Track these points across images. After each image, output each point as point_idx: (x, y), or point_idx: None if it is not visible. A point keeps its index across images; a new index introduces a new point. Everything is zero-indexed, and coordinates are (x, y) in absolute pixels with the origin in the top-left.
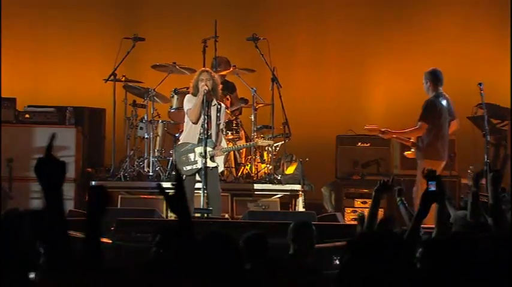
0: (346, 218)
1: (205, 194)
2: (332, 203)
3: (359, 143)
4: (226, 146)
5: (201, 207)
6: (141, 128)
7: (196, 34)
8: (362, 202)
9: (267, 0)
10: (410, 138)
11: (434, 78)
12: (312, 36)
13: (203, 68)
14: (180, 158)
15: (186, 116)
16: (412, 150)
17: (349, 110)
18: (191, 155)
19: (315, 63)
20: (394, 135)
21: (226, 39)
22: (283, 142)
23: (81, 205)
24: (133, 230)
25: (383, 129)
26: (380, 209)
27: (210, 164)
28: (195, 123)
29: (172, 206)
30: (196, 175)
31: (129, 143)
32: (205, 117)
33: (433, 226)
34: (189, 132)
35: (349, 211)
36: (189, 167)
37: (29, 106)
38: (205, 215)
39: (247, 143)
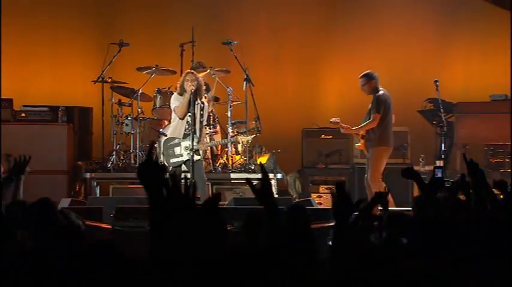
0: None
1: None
2: (296, 189)
3: (322, 136)
4: (208, 141)
5: None
6: (127, 125)
7: (174, 39)
8: (326, 188)
9: (238, 7)
10: (361, 132)
11: (375, 78)
12: (272, 39)
13: (188, 70)
14: (167, 151)
15: (173, 113)
16: (362, 142)
17: (306, 105)
18: (177, 149)
19: (275, 63)
20: (352, 131)
21: (201, 43)
22: (254, 135)
23: (74, 194)
24: (130, 216)
25: (344, 126)
26: None
27: (196, 157)
28: (182, 119)
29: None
30: (183, 166)
31: (116, 138)
32: (191, 114)
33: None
34: (176, 127)
35: (314, 196)
36: (175, 160)
37: (24, 106)
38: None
39: (230, 139)
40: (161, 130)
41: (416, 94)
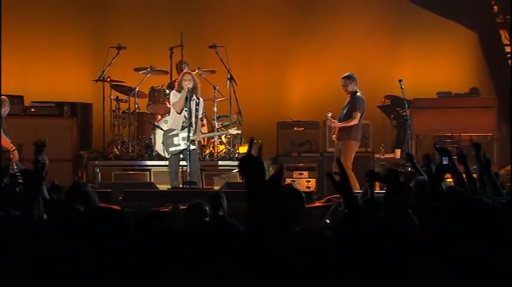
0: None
1: (190, 171)
2: (270, 174)
3: (295, 128)
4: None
5: (188, 180)
6: (124, 119)
7: (164, 43)
8: (299, 173)
9: (218, 17)
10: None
11: (355, 79)
12: (246, 44)
13: (186, 71)
14: (166, 141)
15: (172, 107)
16: (336, 133)
17: (277, 100)
18: (175, 139)
19: (249, 64)
20: (337, 125)
21: (189, 47)
22: (236, 127)
23: (78, 180)
24: (136, 199)
25: (332, 121)
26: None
27: (191, 147)
28: (179, 113)
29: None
30: (180, 154)
31: (114, 130)
32: (187, 109)
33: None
34: (174, 120)
35: (289, 181)
36: (173, 149)
37: (33, 102)
38: (190, 186)
39: (222, 131)
40: (156, 123)
41: (375, 91)
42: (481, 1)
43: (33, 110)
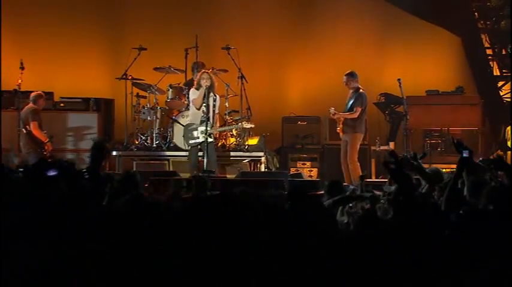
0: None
1: (207, 161)
2: (274, 164)
3: (298, 122)
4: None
5: (206, 169)
6: (144, 113)
7: (181, 45)
8: (302, 164)
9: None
10: (341, 119)
11: (357, 77)
12: (249, 44)
13: (204, 70)
14: (186, 134)
15: (191, 103)
16: (341, 127)
17: (278, 98)
18: (195, 132)
19: (251, 63)
20: (339, 115)
21: (203, 48)
22: (249, 122)
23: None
24: (161, 185)
25: (335, 113)
26: None
27: (208, 139)
28: (198, 109)
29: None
30: (199, 146)
31: (135, 124)
32: (206, 105)
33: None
34: (193, 116)
35: (293, 170)
36: (192, 141)
37: (62, 97)
38: (209, 174)
39: (237, 125)
40: (174, 117)
41: (367, 90)
42: (464, 8)
43: (62, 105)
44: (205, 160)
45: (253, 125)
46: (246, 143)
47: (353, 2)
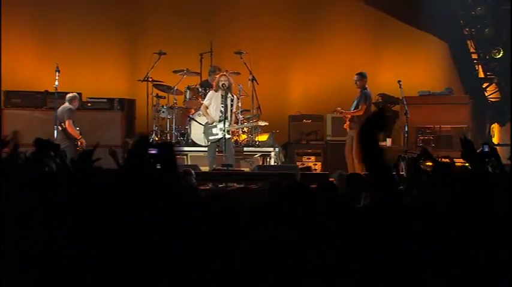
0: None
1: (226, 155)
2: (280, 159)
3: (304, 120)
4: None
5: (225, 163)
6: (163, 112)
7: (195, 50)
8: (307, 158)
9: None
10: (348, 116)
11: (366, 77)
12: (255, 49)
13: (222, 73)
14: (206, 131)
15: (209, 103)
16: (348, 123)
17: (281, 98)
18: (214, 130)
19: (257, 67)
20: (346, 113)
21: (217, 52)
22: (256, 120)
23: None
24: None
25: (343, 111)
26: None
27: (226, 135)
28: (206, 110)
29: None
30: (217, 142)
31: (155, 121)
32: (224, 105)
33: None
34: (213, 114)
35: (300, 164)
36: (212, 137)
37: (89, 98)
38: (227, 168)
39: (251, 123)
40: (191, 116)
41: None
42: (450, 17)
43: (89, 104)
44: (224, 155)
45: (267, 123)
46: (256, 139)
47: (349, 11)
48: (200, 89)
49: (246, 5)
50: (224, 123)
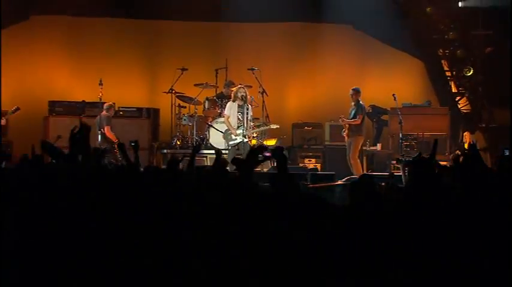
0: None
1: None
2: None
3: (305, 127)
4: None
5: None
6: (185, 120)
7: (211, 66)
8: (308, 161)
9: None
10: (347, 125)
11: (359, 91)
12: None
13: (240, 85)
14: (226, 137)
15: (229, 111)
16: (346, 131)
17: (281, 108)
18: (233, 135)
19: (263, 81)
20: (346, 122)
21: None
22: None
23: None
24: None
25: (345, 119)
26: None
27: (244, 140)
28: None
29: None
30: (236, 146)
31: (177, 128)
32: (241, 113)
33: None
34: (232, 122)
35: (302, 166)
36: (232, 142)
37: (121, 107)
38: None
39: (265, 127)
40: (209, 123)
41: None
42: (426, 39)
43: (121, 113)
44: (242, 157)
45: (278, 126)
46: (266, 144)
47: (337, 34)
48: (217, 100)
49: (252, 31)
50: (243, 129)
